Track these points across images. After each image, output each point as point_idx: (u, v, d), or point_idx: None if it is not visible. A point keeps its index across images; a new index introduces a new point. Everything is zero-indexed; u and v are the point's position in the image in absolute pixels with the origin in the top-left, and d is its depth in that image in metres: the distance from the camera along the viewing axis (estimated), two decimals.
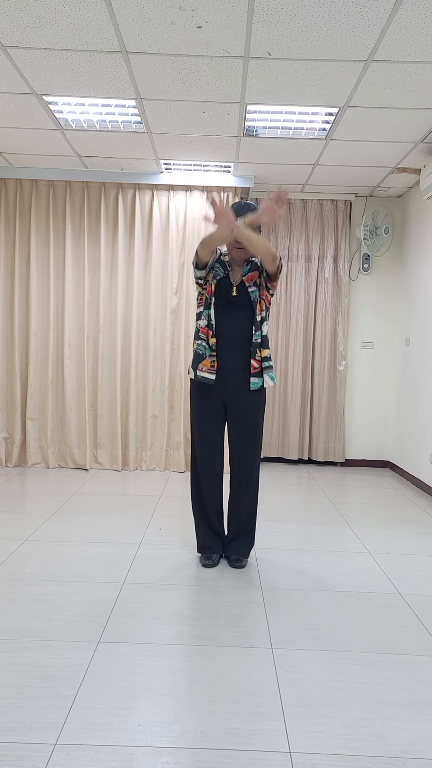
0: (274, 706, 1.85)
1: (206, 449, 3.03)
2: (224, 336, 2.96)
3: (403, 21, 2.77)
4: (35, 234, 5.29)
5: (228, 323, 2.96)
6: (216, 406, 3.00)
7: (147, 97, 3.68)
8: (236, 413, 3.00)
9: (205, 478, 3.05)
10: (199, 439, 3.04)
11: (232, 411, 3.01)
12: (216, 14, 2.77)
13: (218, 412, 3.02)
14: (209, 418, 3.01)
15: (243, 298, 2.97)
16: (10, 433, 5.37)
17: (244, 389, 2.98)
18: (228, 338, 2.96)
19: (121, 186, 5.30)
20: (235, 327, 2.96)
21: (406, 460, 5.36)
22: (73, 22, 2.86)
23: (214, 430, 3.02)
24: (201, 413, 3.02)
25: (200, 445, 3.04)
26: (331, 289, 5.72)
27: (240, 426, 3.01)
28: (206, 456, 3.03)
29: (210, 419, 3.01)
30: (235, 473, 3.06)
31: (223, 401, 3.01)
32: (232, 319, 2.96)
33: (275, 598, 2.67)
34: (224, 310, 2.97)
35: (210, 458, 3.03)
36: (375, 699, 1.91)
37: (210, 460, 3.03)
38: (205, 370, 2.96)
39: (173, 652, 2.16)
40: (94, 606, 2.51)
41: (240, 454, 3.04)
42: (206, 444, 3.03)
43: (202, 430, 3.03)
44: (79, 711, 1.79)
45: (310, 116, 3.88)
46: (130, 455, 5.38)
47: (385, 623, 2.46)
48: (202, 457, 3.04)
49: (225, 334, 2.96)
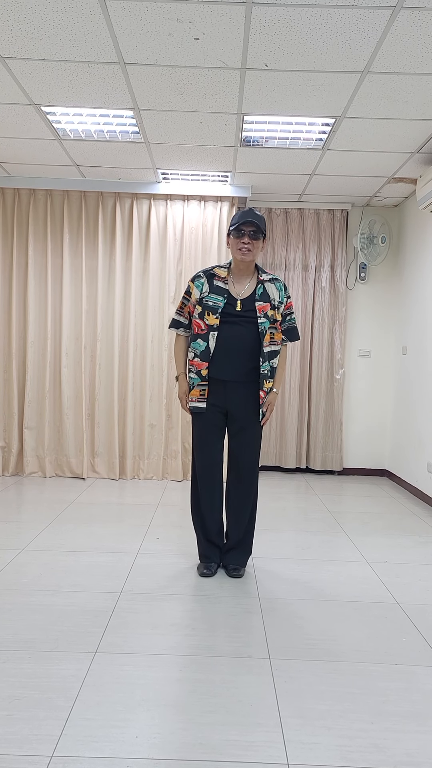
0: (272, 717, 1.84)
1: (207, 459, 3.02)
2: (225, 345, 2.90)
3: (399, 33, 2.80)
4: (33, 243, 5.31)
5: (229, 333, 2.90)
6: (217, 416, 2.99)
7: (145, 108, 3.71)
8: (238, 424, 2.99)
9: (205, 488, 3.03)
10: (200, 449, 3.03)
11: (233, 422, 3.00)
12: (213, 26, 2.80)
13: (219, 423, 3.00)
14: (210, 429, 3.00)
15: (249, 313, 2.90)
16: (7, 442, 5.35)
17: (247, 402, 2.95)
18: (229, 348, 2.89)
19: (119, 195, 5.32)
20: (237, 336, 2.89)
21: (403, 469, 5.35)
22: (71, 33, 2.89)
23: (215, 440, 3.01)
24: (202, 425, 3.01)
25: (201, 456, 3.03)
26: (328, 298, 5.73)
27: (241, 437, 3.00)
28: (207, 466, 3.02)
29: (211, 430, 3.00)
30: (235, 483, 3.05)
31: (225, 412, 2.99)
32: (233, 330, 2.90)
33: (273, 607, 2.66)
34: (225, 323, 2.90)
35: (210, 468, 3.02)
36: (373, 710, 1.90)
37: (210, 470, 3.02)
38: (195, 399, 2.96)
39: (170, 662, 2.15)
40: (91, 616, 2.50)
41: (240, 464, 3.02)
42: (207, 454, 3.01)
43: (203, 441, 3.01)
44: (75, 723, 1.77)
45: (306, 126, 3.91)
46: (128, 464, 5.37)
47: (383, 633, 2.45)
48: (202, 466, 3.03)
49: (225, 341, 2.89)
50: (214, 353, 2.90)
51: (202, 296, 2.94)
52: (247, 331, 2.90)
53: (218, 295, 2.92)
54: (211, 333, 2.90)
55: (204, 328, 2.91)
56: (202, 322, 2.92)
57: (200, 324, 2.92)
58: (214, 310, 2.90)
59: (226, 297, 2.92)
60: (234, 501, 3.05)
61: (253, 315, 2.90)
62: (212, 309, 2.90)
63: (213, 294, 2.93)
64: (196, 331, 2.95)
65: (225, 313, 2.90)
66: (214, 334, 2.89)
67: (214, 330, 2.89)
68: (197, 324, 2.94)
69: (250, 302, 2.92)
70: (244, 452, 3.01)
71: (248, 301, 2.92)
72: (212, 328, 2.89)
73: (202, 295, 2.94)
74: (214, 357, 2.91)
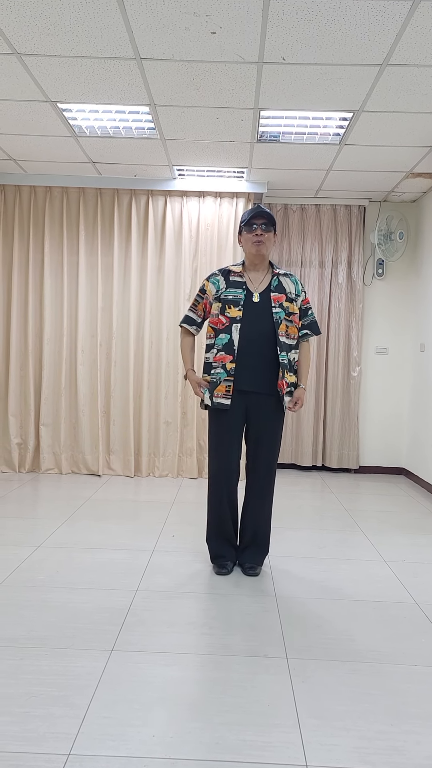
0: (290, 717, 1.82)
1: (224, 462, 2.97)
2: (247, 337, 2.89)
3: (420, 24, 2.75)
4: (49, 240, 5.32)
5: (250, 325, 2.90)
6: (236, 414, 2.95)
7: (160, 104, 3.69)
8: (257, 421, 2.96)
9: (223, 487, 2.99)
10: (218, 450, 2.98)
11: (253, 419, 2.96)
12: (230, 20, 2.77)
13: (239, 421, 2.96)
14: (229, 429, 2.95)
15: (266, 305, 2.93)
16: (24, 438, 5.38)
17: (266, 399, 2.94)
18: (251, 340, 2.89)
19: (135, 192, 5.32)
20: (258, 328, 2.89)
21: (421, 467, 5.30)
22: (87, 29, 2.87)
23: (233, 441, 2.97)
24: (221, 424, 2.96)
25: (218, 457, 2.98)
26: (344, 294, 5.69)
27: (261, 434, 2.97)
28: (224, 469, 2.98)
29: (230, 431, 2.95)
30: (252, 480, 3.03)
31: (245, 408, 2.96)
32: (254, 322, 2.90)
33: (290, 606, 2.64)
34: (246, 315, 2.91)
35: (228, 466, 2.98)
36: (393, 711, 1.87)
37: (228, 468, 2.98)
38: (221, 395, 2.92)
39: (187, 661, 2.13)
40: (107, 614, 2.49)
41: (259, 461, 3.00)
42: (224, 456, 2.97)
43: (221, 442, 2.97)
44: (92, 721, 1.77)
45: (324, 121, 3.87)
46: (143, 461, 5.37)
47: (401, 633, 2.42)
48: (220, 469, 2.98)
49: (248, 333, 2.89)
50: (238, 346, 2.90)
51: (220, 293, 2.94)
52: (266, 322, 2.91)
53: (237, 288, 2.94)
54: (234, 325, 2.89)
55: (226, 321, 2.90)
56: (223, 317, 2.91)
57: (221, 320, 2.92)
58: (236, 302, 2.91)
59: (245, 289, 2.94)
60: (252, 500, 3.03)
61: (269, 305, 2.93)
62: (233, 302, 2.91)
63: (231, 288, 2.94)
64: (218, 327, 2.93)
65: (245, 305, 2.92)
66: (237, 326, 2.89)
67: (237, 322, 2.89)
68: (218, 321, 2.93)
69: (266, 294, 2.95)
70: (265, 451, 2.98)
71: (264, 293, 2.95)
72: (235, 321, 2.90)
73: (220, 292, 2.95)
74: (237, 350, 2.90)
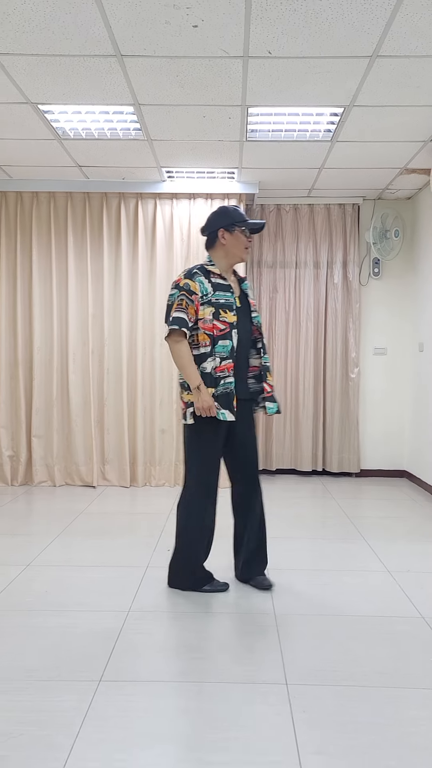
0: (290, 753, 1.69)
1: (214, 475, 2.82)
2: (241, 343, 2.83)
3: (409, 12, 2.63)
4: (37, 247, 5.19)
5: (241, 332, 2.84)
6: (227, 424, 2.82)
7: (145, 103, 3.57)
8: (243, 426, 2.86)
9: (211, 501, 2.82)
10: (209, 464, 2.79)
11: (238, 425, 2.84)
12: (212, 12, 2.65)
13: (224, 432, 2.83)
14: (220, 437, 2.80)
15: (245, 309, 2.89)
16: (15, 451, 5.24)
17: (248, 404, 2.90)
18: (243, 345, 2.84)
19: (123, 196, 5.19)
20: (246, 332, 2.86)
21: (423, 470, 5.16)
22: (63, 25, 2.75)
23: (220, 454, 2.86)
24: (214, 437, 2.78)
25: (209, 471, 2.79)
26: (341, 295, 5.56)
27: (247, 438, 2.88)
28: (214, 483, 2.82)
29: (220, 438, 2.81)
30: (248, 487, 2.89)
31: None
32: (242, 326, 2.84)
33: (289, 625, 2.50)
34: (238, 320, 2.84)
35: (215, 484, 2.83)
36: (401, 743, 1.74)
37: (215, 486, 2.83)
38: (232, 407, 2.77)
39: (179, 690, 2.00)
40: (96, 639, 2.36)
41: (250, 466, 2.90)
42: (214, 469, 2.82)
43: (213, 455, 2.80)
44: (75, 764, 1.63)
45: (314, 117, 3.74)
46: (139, 471, 5.24)
47: (409, 652, 2.28)
48: (210, 483, 2.80)
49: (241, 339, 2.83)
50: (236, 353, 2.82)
51: (209, 295, 2.75)
52: (248, 327, 2.88)
53: (225, 292, 2.80)
54: (233, 330, 2.76)
55: (224, 327, 2.74)
56: (219, 323, 2.74)
57: (217, 325, 2.73)
58: (230, 306, 2.78)
59: (232, 292, 2.82)
60: (253, 507, 2.90)
61: (248, 309, 2.90)
62: (227, 306, 2.77)
63: (219, 291, 2.78)
64: (215, 333, 2.72)
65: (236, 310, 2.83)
66: (235, 331, 2.77)
67: (234, 327, 2.77)
68: (214, 327, 2.72)
69: (244, 298, 2.91)
70: (252, 454, 2.91)
71: (242, 297, 2.90)
72: (233, 326, 2.77)
73: (209, 295, 2.76)
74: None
